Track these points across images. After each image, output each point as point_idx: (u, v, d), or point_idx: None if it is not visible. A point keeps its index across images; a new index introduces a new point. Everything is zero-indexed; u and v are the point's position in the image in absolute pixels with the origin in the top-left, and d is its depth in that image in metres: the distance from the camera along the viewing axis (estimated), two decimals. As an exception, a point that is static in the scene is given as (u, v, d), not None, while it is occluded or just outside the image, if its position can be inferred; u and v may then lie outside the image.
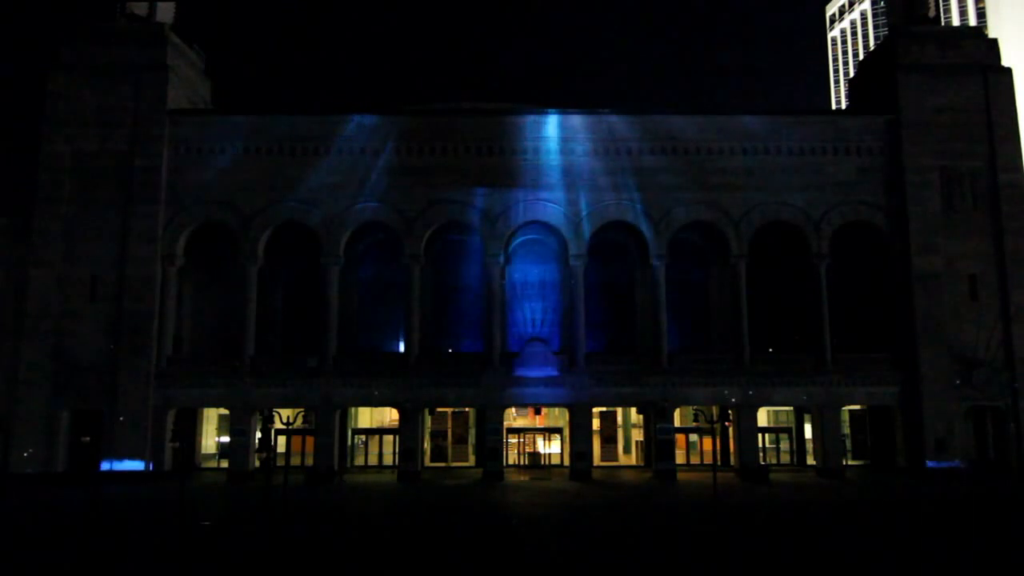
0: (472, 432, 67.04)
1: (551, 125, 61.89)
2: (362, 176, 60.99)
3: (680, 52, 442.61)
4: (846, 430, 65.74)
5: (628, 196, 61.16)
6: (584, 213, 61.04)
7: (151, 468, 57.14)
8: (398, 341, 64.88)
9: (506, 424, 63.67)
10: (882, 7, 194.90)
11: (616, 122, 61.92)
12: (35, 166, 59.69)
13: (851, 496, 50.67)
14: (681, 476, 58.91)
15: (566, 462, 62.81)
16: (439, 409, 64.20)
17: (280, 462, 59.58)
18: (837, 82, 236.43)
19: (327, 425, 60.17)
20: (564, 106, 64.43)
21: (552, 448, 66.91)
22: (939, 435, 58.10)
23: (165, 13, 64.49)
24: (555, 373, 59.90)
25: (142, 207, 59.30)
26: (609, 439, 67.65)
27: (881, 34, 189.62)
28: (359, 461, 65.55)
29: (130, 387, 57.42)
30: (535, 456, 66.66)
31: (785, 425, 67.25)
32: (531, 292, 66.47)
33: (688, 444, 65.12)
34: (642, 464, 65.58)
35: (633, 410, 65.87)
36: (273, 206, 60.69)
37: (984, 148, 60.67)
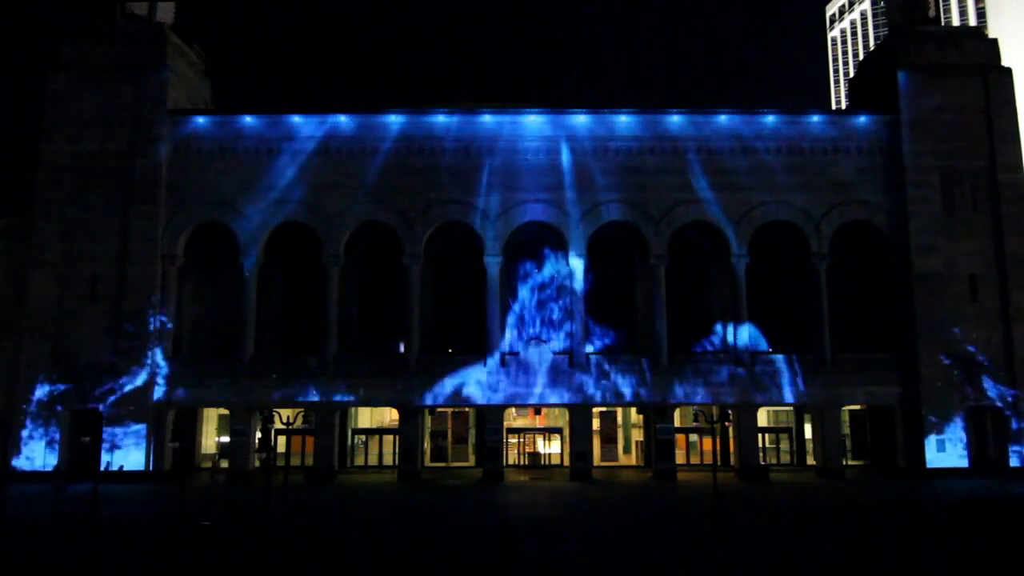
0: (472, 432, 67.05)
1: (551, 124, 61.93)
2: (362, 176, 61.08)
3: (680, 52, 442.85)
4: (846, 430, 65.78)
5: (628, 195, 61.20)
6: (584, 212, 61.09)
7: (151, 468, 57.22)
8: (398, 341, 64.89)
9: (506, 424, 63.70)
10: (882, 7, 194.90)
11: (616, 121, 61.94)
12: (35, 166, 59.75)
13: (851, 496, 50.65)
14: (681, 476, 58.94)
15: (566, 462, 62.85)
16: (439, 409, 64.25)
17: (280, 462, 59.55)
18: (837, 82, 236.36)
19: (327, 425, 60.27)
20: (564, 106, 64.51)
21: (552, 448, 66.91)
22: (939, 435, 58.15)
23: (165, 13, 64.58)
24: (555, 373, 59.93)
25: (142, 207, 59.41)
26: (609, 439, 67.62)
27: (881, 34, 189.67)
28: (359, 461, 65.57)
29: (130, 387, 57.41)
30: (535, 456, 66.67)
31: (785, 425, 67.27)
32: (531, 292, 66.47)
33: (688, 444, 65.17)
34: (642, 464, 65.59)
35: (633, 410, 65.92)
36: (273, 206, 60.77)
37: (984, 148, 60.74)
